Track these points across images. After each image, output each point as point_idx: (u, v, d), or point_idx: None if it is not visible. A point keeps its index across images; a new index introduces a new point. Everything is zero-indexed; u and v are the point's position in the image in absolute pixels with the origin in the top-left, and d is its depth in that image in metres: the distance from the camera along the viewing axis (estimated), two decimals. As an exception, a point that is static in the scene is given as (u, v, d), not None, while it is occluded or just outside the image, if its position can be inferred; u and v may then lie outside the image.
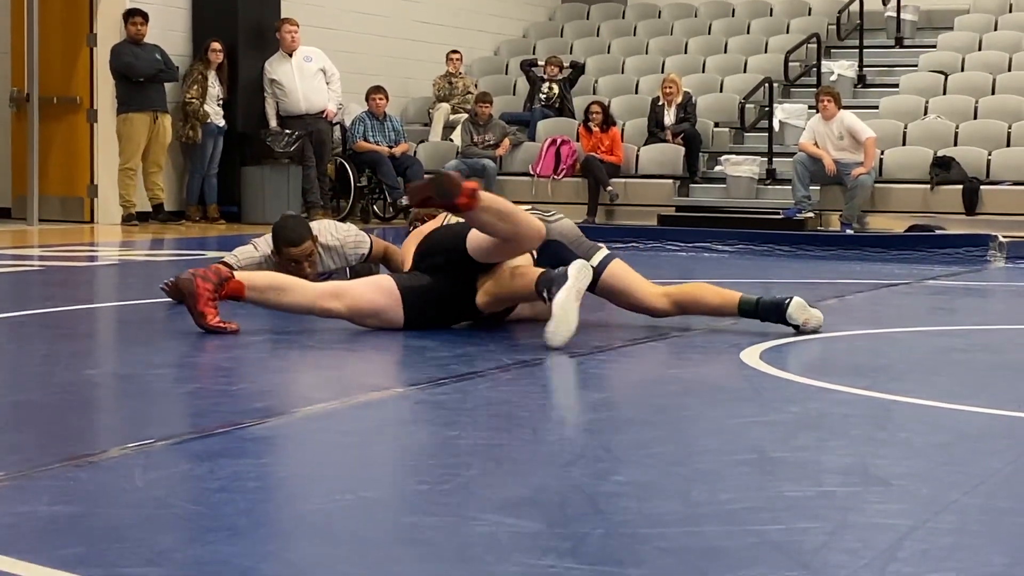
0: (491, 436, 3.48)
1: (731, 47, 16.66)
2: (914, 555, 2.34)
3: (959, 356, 5.04)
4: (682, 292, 5.47)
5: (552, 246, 5.40)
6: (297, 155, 13.52)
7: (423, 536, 2.44)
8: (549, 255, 5.39)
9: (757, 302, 5.32)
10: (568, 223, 5.59)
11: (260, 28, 13.96)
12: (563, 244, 5.45)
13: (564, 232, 5.50)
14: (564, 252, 5.38)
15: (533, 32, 18.02)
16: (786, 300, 5.27)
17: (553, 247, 5.40)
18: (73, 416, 3.68)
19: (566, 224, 5.57)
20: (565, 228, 5.53)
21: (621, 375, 4.61)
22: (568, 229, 5.54)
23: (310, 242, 6.02)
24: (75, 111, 13.09)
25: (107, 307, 6.41)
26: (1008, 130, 13.60)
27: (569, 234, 5.52)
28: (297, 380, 4.49)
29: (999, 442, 3.39)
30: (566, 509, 2.64)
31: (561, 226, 5.53)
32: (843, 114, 13.07)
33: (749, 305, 5.32)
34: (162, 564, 2.25)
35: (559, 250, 5.40)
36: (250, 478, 2.86)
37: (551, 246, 5.39)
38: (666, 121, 14.33)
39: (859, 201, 12.91)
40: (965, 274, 8.72)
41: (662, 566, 2.29)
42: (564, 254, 5.37)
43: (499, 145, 14.54)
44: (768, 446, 3.27)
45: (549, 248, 5.39)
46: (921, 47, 16.22)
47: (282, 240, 6.07)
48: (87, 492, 2.75)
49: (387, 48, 15.85)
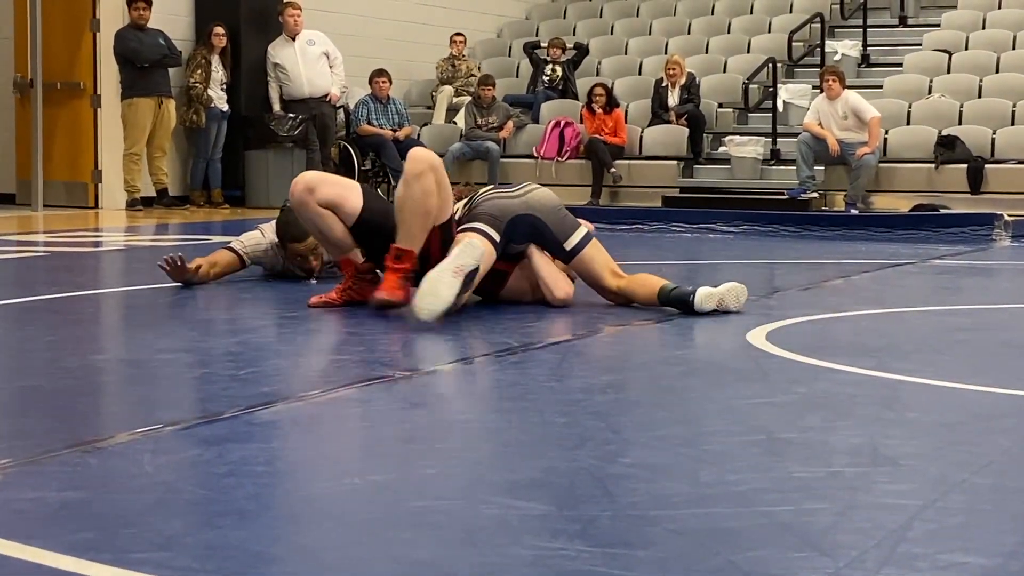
0: (499, 419, 3.48)
1: (734, 27, 16.62)
2: (924, 535, 2.34)
3: (965, 335, 5.03)
4: (628, 284, 5.46)
5: (528, 219, 5.39)
6: (301, 139, 13.51)
7: (432, 519, 2.44)
8: (524, 228, 5.40)
9: (670, 293, 5.27)
10: (544, 194, 5.52)
11: (263, 12, 13.94)
12: (538, 218, 5.41)
13: (537, 205, 5.43)
14: (540, 226, 5.40)
15: (536, 14, 17.98)
16: (691, 296, 5.20)
17: (529, 220, 5.39)
18: (81, 402, 3.68)
19: (541, 195, 5.50)
20: (540, 200, 5.46)
21: (628, 357, 4.61)
22: (544, 201, 5.47)
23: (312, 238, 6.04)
24: (79, 96, 13.08)
25: (113, 292, 6.41)
26: (1012, 108, 13.57)
27: (545, 207, 5.45)
28: (304, 364, 4.49)
29: (1007, 421, 3.39)
30: (575, 491, 2.64)
31: (534, 198, 5.45)
32: (847, 94, 13.04)
33: (664, 295, 5.29)
34: (171, 549, 2.25)
35: (536, 224, 5.40)
36: (258, 462, 2.87)
37: (525, 219, 5.38)
38: (670, 102, 14.30)
39: (863, 181, 12.89)
40: (970, 253, 8.71)
41: (671, 548, 2.29)
42: (542, 230, 5.40)
43: (503, 127, 14.52)
44: (776, 427, 3.27)
45: (525, 221, 5.38)
46: (925, 26, 16.19)
47: (287, 237, 6.08)
48: (96, 477, 2.75)
49: (390, 31, 15.82)
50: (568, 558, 2.20)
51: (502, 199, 5.43)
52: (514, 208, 5.38)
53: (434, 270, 4.89)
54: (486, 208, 5.39)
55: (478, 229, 5.30)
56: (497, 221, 5.34)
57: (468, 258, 4.94)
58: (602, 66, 16.13)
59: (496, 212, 5.37)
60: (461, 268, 4.89)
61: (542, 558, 2.20)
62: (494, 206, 5.39)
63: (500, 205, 5.40)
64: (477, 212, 5.39)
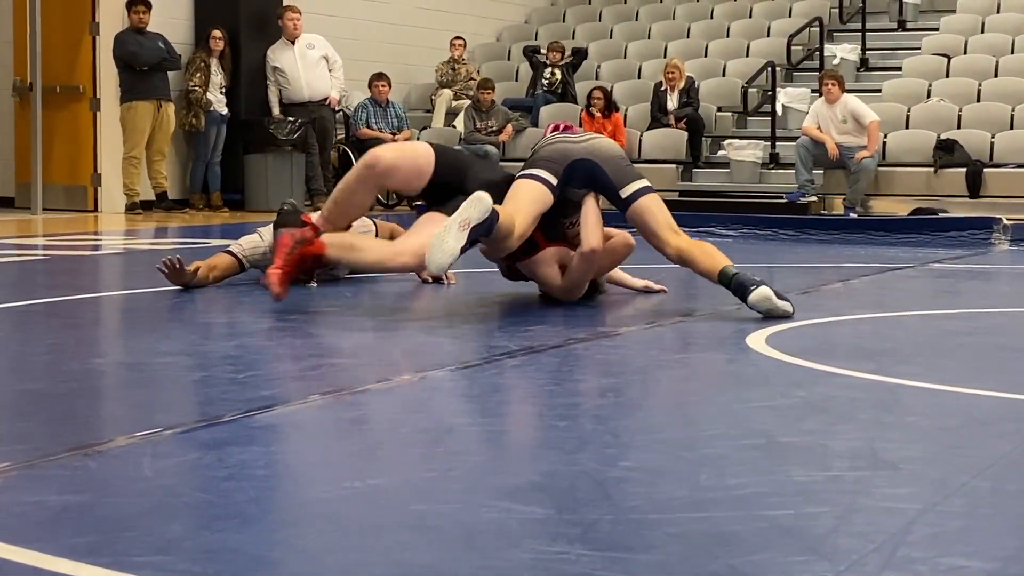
0: (498, 422, 3.48)
1: (733, 31, 16.63)
2: (924, 539, 2.34)
3: (965, 339, 5.03)
4: (689, 247, 5.48)
5: (586, 164, 5.44)
6: (300, 142, 13.51)
7: (432, 523, 2.44)
8: (581, 173, 5.44)
9: (732, 278, 5.27)
10: (607, 143, 5.59)
11: (262, 15, 13.95)
12: (596, 164, 5.46)
13: (599, 151, 5.49)
14: (597, 172, 5.45)
15: (535, 17, 17.99)
16: (750, 288, 5.19)
17: (588, 164, 5.44)
18: (81, 405, 3.68)
19: (597, 144, 5.55)
20: (603, 147, 5.53)
21: (627, 360, 4.61)
22: (606, 148, 5.54)
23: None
24: (78, 100, 13.08)
25: (112, 296, 6.41)
26: (1011, 112, 13.58)
27: (607, 153, 5.51)
28: (304, 368, 4.49)
29: (1007, 425, 3.39)
30: (575, 495, 2.64)
31: (596, 145, 5.53)
32: (847, 97, 13.05)
33: (726, 277, 5.30)
34: (171, 553, 2.25)
35: (594, 170, 5.45)
36: (259, 466, 2.86)
37: (583, 164, 5.44)
38: (669, 106, 14.31)
39: (863, 185, 12.90)
40: (969, 257, 8.71)
41: (671, 551, 2.29)
42: (599, 175, 5.45)
43: (502, 131, 14.53)
44: (776, 431, 3.27)
45: (581, 166, 5.43)
46: (924, 30, 16.20)
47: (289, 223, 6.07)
48: (96, 481, 2.75)
49: (389, 35, 15.83)
50: (568, 562, 2.20)
51: (564, 143, 5.52)
52: (575, 152, 5.46)
53: (442, 225, 4.98)
54: (546, 153, 5.48)
55: (534, 175, 5.38)
56: (555, 165, 5.43)
57: (475, 211, 4.98)
58: (601, 70, 16.13)
59: (556, 156, 5.45)
60: (467, 221, 4.96)
61: (542, 562, 2.20)
62: (555, 150, 5.48)
63: (561, 149, 5.48)
64: (536, 157, 5.49)
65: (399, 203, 14.13)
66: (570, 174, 5.42)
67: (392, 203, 14.30)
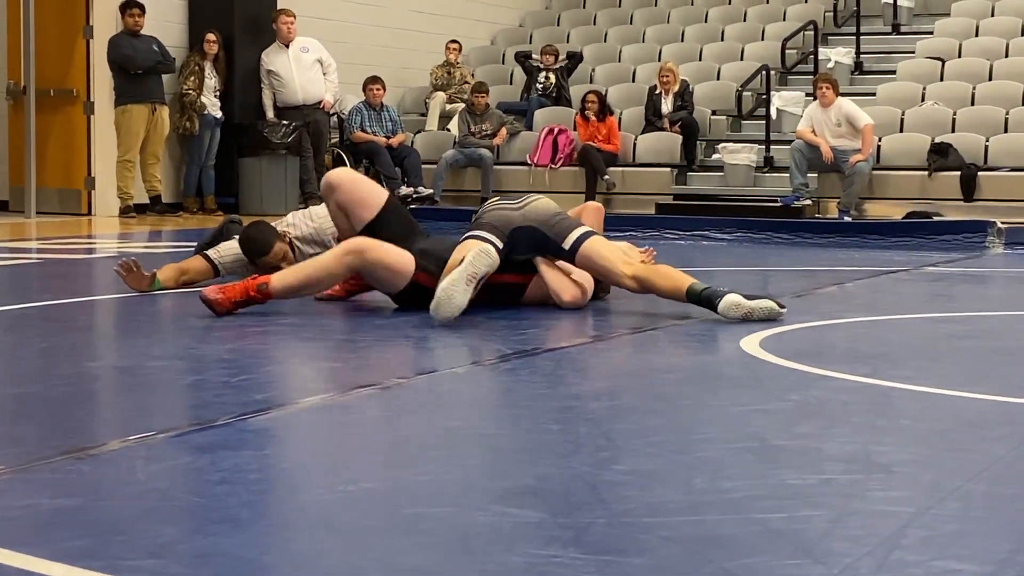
0: (492, 426, 3.48)
1: (728, 35, 16.64)
2: (918, 542, 2.34)
3: (959, 343, 5.03)
4: (647, 273, 5.49)
5: (526, 230, 5.54)
6: (294, 146, 13.51)
7: (426, 527, 2.43)
8: (525, 239, 5.55)
9: (700, 293, 5.29)
10: (538, 206, 5.64)
11: (257, 19, 13.95)
12: (535, 227, 5.56)
13: (533, 215, 5.58)
14: (538, 235, 5.55)
15: (529, 21, 18.00)
16: (717, 300, 5.22)
17: (527, 230, 5.55)
18: (74, 409, 3.68)
19: (535, 208, 5.63)
20: (537, 210, 5.61)
21: (621, 364, 4.60)
22: (541, 210, 5.61)
23: (279, 243, 6.08)
24: (72, 103, 13.07)
25: (106, 299, 6.40)
26: (1005, 116, 13.59)
27: (541, 215, 5.59)
28: (298, 371, 4.49)
29: (1001, 428, 3.39)
30: (569, 499, 2.64)
31: (532, 210, 5.60)
32: (841, 101, 13.06)
33: (694, 294, 5.31)
34: (164, 556, 2.25)
35: (534, 234, 5.56)
36: (252, 470, 2.86)
37: (524, 231, 5.54)
38: (663, 109, 14.31)
39: (857, 188, 12.91)
40: (964, 260, 8.72)
41: (665, 555, 2.29)
42: (540, 239, 5.55)
43: (496, 135, 14.53)
44: (769, 434, 3.27)
45: (523, 232, 5.54)
46: (918, 34, 16.22)
47: (254, 254, 6.13)
48: (89, 485, 2.74)
49: (383, 38, 15.83)
50: (562, 565, 2.20)
51: (504, 211, 5.60)
52: (515, 220, 5.55)
53: (448, 278, 5.10)
54: (489, 219, 5.56)
55: (483, 238, 5.44)
56: (499, 232, 5.50)
57: (482, 266, 5.16)
58: (596, 73, 16.14)
59: (498, 223, 5.54)
60: (474, 276, 5.13)
61: (536, 565, 2.20)
62: (496, 217, 5.57)
63: (502, 216, 5.57)
64: (482, 222, 5.56)
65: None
66: (514, 241, 5.53)
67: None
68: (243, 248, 6.19)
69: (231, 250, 6.32)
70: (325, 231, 6.33)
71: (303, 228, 6.31)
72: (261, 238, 6.14)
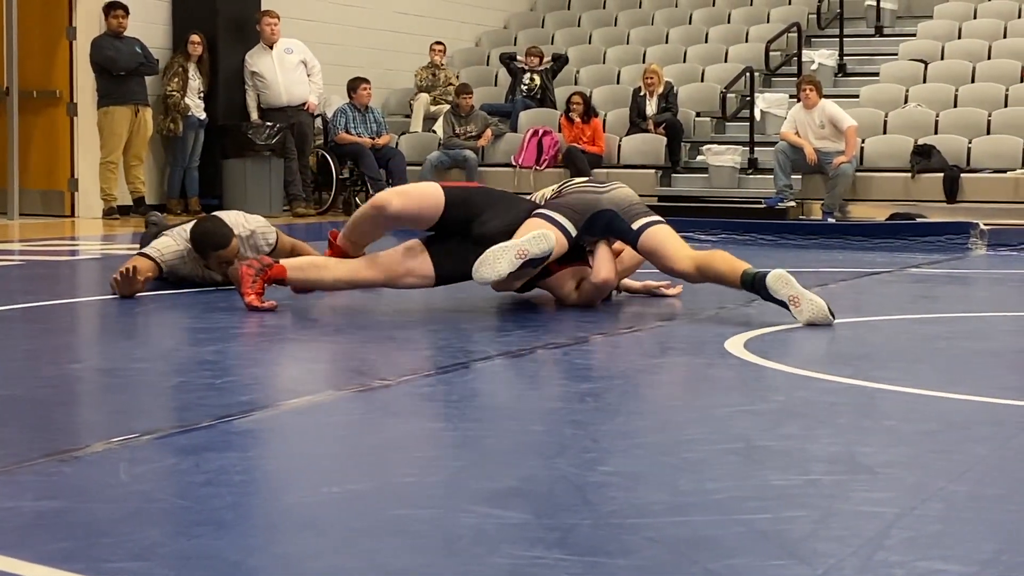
0: (477, 427, 3.48)
1: (712, 37, 16.66)
2: (901, 543, 2.35)
3: (942, 344, 5.05)
4: (703, 258, 5.62)
5: (605, 215, 5.67)
6: (279, 147, 13.48)
7: (411, 528, 2.43)
8: (602, 223, 5.68)
9: (753, 277, 5.36)
10: (621, 193, 5.77)
11: (240, 20, 13.92)
12: (615, 212, 5.68)
13: (616, 201, 5.71)
14: (615, 220, 5.67)
15: (514, 23, 18.00)
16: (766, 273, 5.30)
17: (607, 216, 5.67)
18: (57, 411, 3.67)
19: (619, 194, 5.76)
20: (617, 197, 5.73)
21: (607, 365, 4.61)
22: (620, 199, 5.74)
23: (235, 240, 6.08)
24: (55, 104, 13.03)
25: (89, 301, 6.39)
26: (988, 118, 13.63)
27: (621, 203, 5.71)
28: (282, 373, 4.49)
29: (984, 429, 3.40)
30: (554, 500, 2.64)
31: (613, 196, 5.73)
32: (824, 103, 13.08)
33: (747, 279, 5.38)
34: (148, 558, 2.24)
35: (612, 219, 5.67)
36: (236, 471, 2.86)
37: (604, 215, 5.67)
38: (648, 111, 14.32)
39: (840, 190, 12.93)
40: (947, 262, 8.74)
41: (650, 556, 2.29)
42: (615, 222, 5.67)
43: (481, 136, 14.53)
44: (754, 435, 3.27)
45: (603, 217, 5.67)
46: (901, 35, 16.26)
47: (210, 246, 6.10)
48: (72, 487, 2.74)
49: (368, 39, 15.81)
50: (547, 567, 2.20)
51: (588, 193, 5.72)
52: (599, 204, 5.67)
53: (501, 245, 5.25)
54: (571, 200, 5.68)
55: (556, 220, 5.57)
56: (577, 215, 5.63)
57: (536, 247, 5.27)
58: (580, 75, 16.15)
59: (579, 207, 5.65)
60: (525, 252, 5.24)
61: (521, 567, 2.20)
62: (579, 200, 5.68)
63: (585, 200, 5.68)
64: (560, 201, 5.68)
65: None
66: (591, 224, 5.66)
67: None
68: (201, 241, 6.13)
69: (170, 248, 6.28)
70: (257, 234, 6.37)
71: (240, 228, 6.33)
72: (219, 231, 6.11)
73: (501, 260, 5.18)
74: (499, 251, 5.20)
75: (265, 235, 6.42)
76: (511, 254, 5.20)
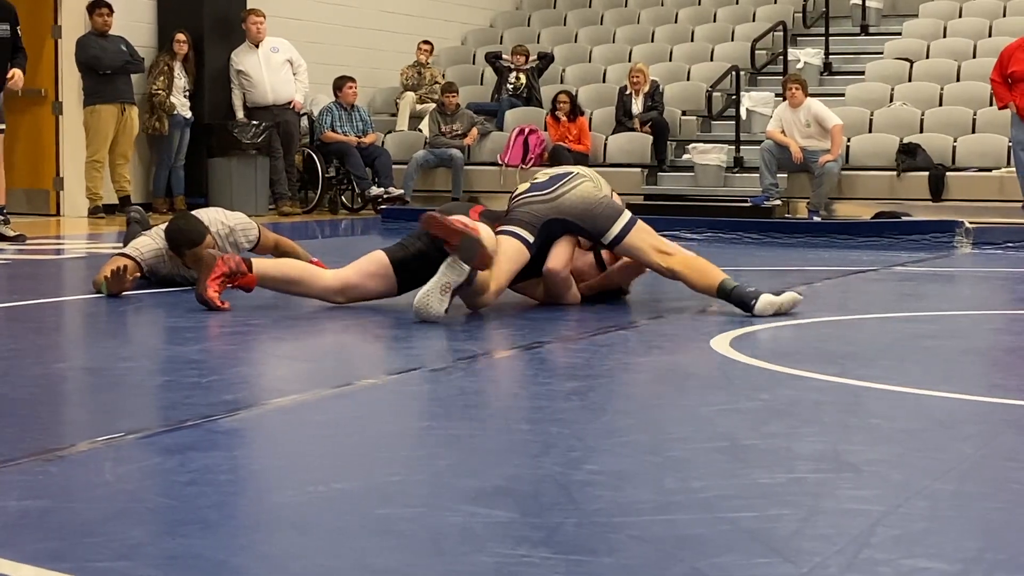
0: (463, 426, 3.47)
1: (698, 35, 16.68)
2: (886, 541, 2.35)
3: (928, 342, 5.06)
4: (681, 267, 5.61)
5: (558, 223, 5.61)
6: (264, 146, 13.47)
7: (396, 527, 2.43)
8: (558, 228, 5.62)
9: (731, 291, 5.42)
10: (569, 200, 5.64)
11: (226, 19, 13.90)
12: (568, 221, 5.61)
13: (567, 209, 5.61)
14: (572, 227, 5.62)
15: (500, 22, 18.00)
16: (752, 300, 5.37)
17: (560, 224, 5.61)
18: (42, 410, 3.66)
19: (570, 199, 5.64)
20: (568, 204, 5.62)
21: (592, 364, 4.61)
22: (575, 204, 5.63)
23: (210, 236, 6.07)
24: (40, 103, 13.01)
25: (75, 300, 6.37)
26: (973, 117, 13.66)
27: (576, 209, 5.62)
28: (268, 372, 4.48)
29: (969, 427, 3.40)
30: (539, 499, 2.64)
31: (564, 203, 5.62)
32: (810, 102, 13.10)
33: (724, 291, 5.44)
34: (134, 558, 2.24)
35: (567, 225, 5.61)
36: (221, 471, 2.85)
37: (557, 223, 5.61)
38: (634, 110, 14.33)
39: (826, 188, 12.95)
40: (932, 260, 8.76)
41: (636, 554, 2.29)
42: (573, 229, 5.63)
43: (467, 135, 14.53)
44: (740, 433, 3.28)
45: (556, 224, 5.61)
46: (886, 34, 16.29)
47: (184, 243, 6.08)
48: (57, 487, 2.73)
49: (354, 38, 15.80)
50: (532, 565, 2.20)
51: (533, 204, 5.64)
52: (545, 213, 5.61)
53: (424, 289, 5.17)
54: (519, 214, 5.64)
55: (514, 232, 5.57)
56: (530, 226, 5.60)
57: (454, 275, 5.17)
58: (566, 74, 16.15)
59: (529, 218, 5.61)
60: (448, 286, 5.16)
61: (506, 565, 2.20)
62: (527, 212, 5.63)
63: (530, 211, 5.63)
64: (512, 215, 5.65)
65: (364, 206, 14.11)
66: (547, 231, 5.63)
67: (358, 207, 14.27)
68: (175, 239, 6.12)
69: (150, 247, 6.28)
70: (237, 231, 6.36)
71: (219, 226, 6.33)
72: (193, 228, 6.10)
73: (431, 302, 5.13)
74: (426, 295, 5.15)
75: (246, 232, 6.41)
76: (437, 293, 5.16)
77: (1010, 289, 7.51)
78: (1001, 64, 11.69)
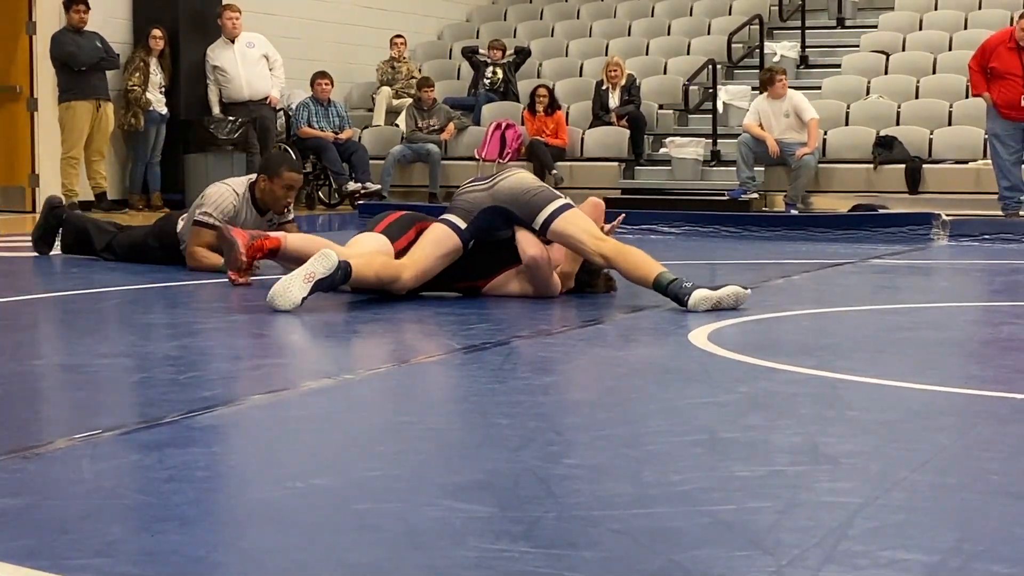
0: (441, 421, 3.47)
1: (674, 29, 16.70)
2: (865, 532, 2.36)
3: (905, 334, 5.07)
4: (614, 255, 5.64)
5: (493, 211, 5.73)
6: (241, 142, 13.44)
7: (375, 522, 2.43)
8: (494, 216, 5.73)
9: (667, 285, 5.44)
10: (508, 184, 5.77)
11: (202, 14, 13.87)
12: (505, 207, 5.72)
13: (502, 195, 5.73)
14: (507, 214, 5.72)
15: (476, 16, 17.99)
16: (685, 296, 5.37)
17: (493, 211, 5.73)
18: (19, 407, 3.64)
19: (505, 186, 5.77)
20: (503, 191, 5.75)
21: (570, 358, 4.61)
22: (509, 189, 5.75)
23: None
24: (15, 100, 12.95)
25: (51, 297, 6.35)
26: (949, 109, 13.71)
27: (510, 194, 5.73)
28: (245, 368, 4.47)
29: (946, 419, 3.42)
30: (518, 493, 2.64)
31: (500, 190, 5.75)
32: (792, 93, 13.14)
33: (660, 285, 5.46)
34: (111, 555, 2.23)
35: (502, 213, 5.72)
36: (199, 467, 2.84)
37: (491, 211, 5.73)
38: (611, 104, 14.34)
39: (803, 182, 12.98)
40: (909, 253, 8.79)
41: (615, 548, 2.29)
42: (508, 215, 5.72)
43: (444, 130, 14.52)
44: (718, 426, 3.28)
45: (491, 212, 5.73)
46: (862, 27, 16.34)
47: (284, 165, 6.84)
48: (34, 484, 2.72)
49: (330, 34, 15.78)
50: (512, 559, 2.19)
51: (474, 192, 5.81)
52: (482, 201, 5.75)
53: (289, 275, 5.34)
54: (459, 201, 5.81)
55: (446, 220, 5.74)
56: (466, 213, 5.74)
57: (320, 267, 5.32)
58: (543, 68, 16.16)
59: (466, 205, 5.77)
60: (311, 275, 5.30)
61: (486, 560, 2.20)
62: (465, 200, 5.80)
63: (471, 198, 5.78)
64: (455, 204, 5.82)
65: (340, 202, 14.09)
66: (484, 219, 5.73)
67: (335, 202, 14.25)
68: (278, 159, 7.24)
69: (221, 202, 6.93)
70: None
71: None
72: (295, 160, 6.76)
73: (292, 288, 5.24)
74: (287, 281, 5.26)
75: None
76: (299, 280, 5.27)
77: (986, 281, 7.54)
78: (983, 54, 11.69)
